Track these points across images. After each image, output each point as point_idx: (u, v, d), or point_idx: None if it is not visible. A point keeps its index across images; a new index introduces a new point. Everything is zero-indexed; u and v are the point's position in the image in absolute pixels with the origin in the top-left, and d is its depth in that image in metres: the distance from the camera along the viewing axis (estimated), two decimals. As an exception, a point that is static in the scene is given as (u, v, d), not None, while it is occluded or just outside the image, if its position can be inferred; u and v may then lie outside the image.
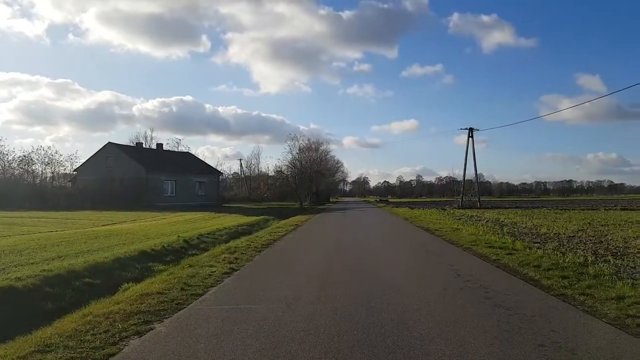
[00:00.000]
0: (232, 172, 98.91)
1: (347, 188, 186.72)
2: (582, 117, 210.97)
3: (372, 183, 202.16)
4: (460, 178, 56.78)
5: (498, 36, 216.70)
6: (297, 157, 63.77)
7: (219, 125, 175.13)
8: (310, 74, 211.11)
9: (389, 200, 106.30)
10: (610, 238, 16.74)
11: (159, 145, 67.21)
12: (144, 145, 67.44)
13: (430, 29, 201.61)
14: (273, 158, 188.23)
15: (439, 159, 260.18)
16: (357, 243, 16.77)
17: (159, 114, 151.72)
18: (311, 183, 63.57)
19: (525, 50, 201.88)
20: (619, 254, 12.70)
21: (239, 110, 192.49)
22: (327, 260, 12.64)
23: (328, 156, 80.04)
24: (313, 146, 70.62)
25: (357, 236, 19.70)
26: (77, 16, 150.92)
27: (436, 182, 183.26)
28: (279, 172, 64.40)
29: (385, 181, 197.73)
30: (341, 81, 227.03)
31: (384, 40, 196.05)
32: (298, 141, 64.85)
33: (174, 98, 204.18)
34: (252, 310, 7.14)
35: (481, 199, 59.17)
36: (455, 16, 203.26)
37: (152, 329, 6.25)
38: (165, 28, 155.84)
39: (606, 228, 21.26)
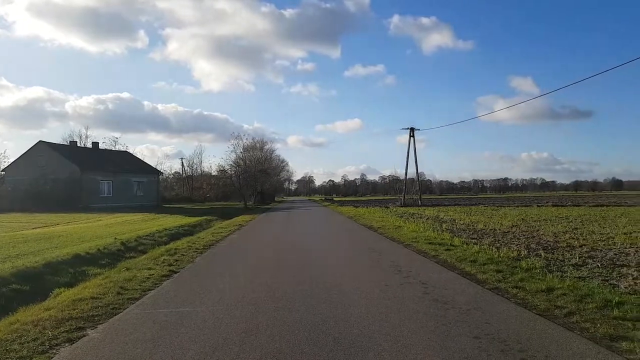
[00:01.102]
0: (173, 171, 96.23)
1: (293, 187, 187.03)
2: (516, 118, 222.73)
3: (318, 182, 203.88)
4: (403, 177, 58.26)
5: (437, 38, 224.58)
6: (241, 156, 62.90)
7: (159, 123, 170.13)
8: (254, 72, 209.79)
9: (334, 199, 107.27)
10: (541, 233, 17.69)
11: (95, 144, 64.07)
12: (78, 144, 64.24)
13: (372, 29, 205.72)
14: (216, 157, 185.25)
15: (382, 158, 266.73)
16: (301, 242, 16.76)
17: (94, 112, 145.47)
18: (256, 182, 62.93)
19: (463, 52, 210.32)
20: (549, 248, 13.44)
21: (180, 108, 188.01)
22: (270, 259, 12.53)
23: (273, 155, 79.88)
24: (257, 145, 70.15)
25: (301, 235, 19.70)
26: (2, 7, 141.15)
27: (380, 181, 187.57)
28: (222, 171, 63.22)
29: (330, 180, 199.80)
30: (285, 80, 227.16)
31: (327, 39, 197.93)
32: (242, 140, 64.01)
33: (110, 95, 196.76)
34: (192, 313, 6.94)
35: (422, 196, 61.02)
36: (396, 18, 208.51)
37: (84, 336, 5.94)
38: (100, 22, 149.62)
39: (538, 223, 22.47)
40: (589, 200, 61.24)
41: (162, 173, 73.69)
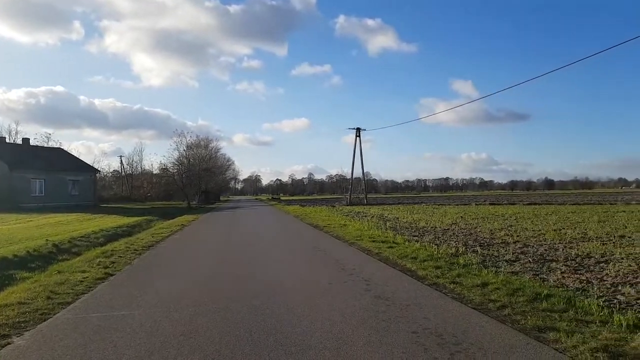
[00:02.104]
0: (111, 169, 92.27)
1: (239, 186, 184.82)
2: (456, 120, 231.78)
3: (265, 181, 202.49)
4: (350, 176, 58.94)
5: (382, 40, 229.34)
6: (184, 154, 61.08)
7: (96, 119, 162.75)
8: (198, 68, 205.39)
9: (281, 198, 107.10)
10: (479, 230, 18.44)
11: (26, 140, 60.15)
12: (7, 140, 60.17)
13: (319, 29, 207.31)
14: (158, 155, 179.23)
15: (329, 157, 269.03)
16: (245, 242, 16.54)
17: (25, 105, 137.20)
18: (200, 181, 61.52)
19: (407, 54, 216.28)
20: (485, 244, 14.01)
21: (119, 104, 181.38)
22: (213, 260, 12.28)
23: (218, 154, 78.20)
24: (202, 143, 68.42)
25: (245, 235, 19.45)
26: None
27: (327, 180, 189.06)
28: (164, 169, 61.12)
29: (277, 179, 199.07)
30: (230, 77, 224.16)
31: (273, 37, 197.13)
32: (185, 137, 62.03)
33: (42, 88, 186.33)
34: (128, 316, 6.66)
35: (368, 195, 62.07)
36: (342, 18, 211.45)
37: (9, 344, 5.56)
38: (31, 11, 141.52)
39: (476, 221, 23.40)
40: (524, 199, 64.59)
41: (100, 171, 70.32)
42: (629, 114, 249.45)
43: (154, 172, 69.01)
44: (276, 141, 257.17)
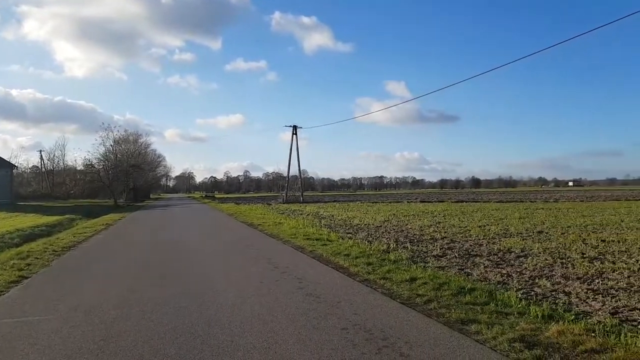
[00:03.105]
0: (30, 165, 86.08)
1: (171, 184, 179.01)
2: (390, 120, 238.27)
3: (198, 178, 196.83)
4: (286, 174, 58.84)
5: (318, 38, 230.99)
6: (111, 149, 57.99)
7: (12, 111, 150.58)
8: (126, 59, 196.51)
9: (215, 196, 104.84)
10: (409, 227, 19.02)
11: None
12: None
13: (254, 24, 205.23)
14: (82, 150, 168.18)
15: (266, 155, 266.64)
16: (175, 241, 16.00)
17: None
18: (128, 178, 58.84)
19: (343, 54, 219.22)
20: (415, 240, 14.46)
21: (38, 95, 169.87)
22: (140, 261, 11.75)
23: (148, 149, 75.44)
24: (131, 138, 65.57)
25: (176, 234, 18.81)
26: None
27: (264, 178, 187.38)
28: (89, 165, 57.47)
29: (212, 176, 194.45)
30: (161, 69, 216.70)
31: (206, 30, 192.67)
32: (112, 132, 58.92)
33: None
34: (43, 321, 6.20)
35: (304, 193, 62.23)
36: (277, 14, 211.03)
37: None
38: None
39: (407, 218, 24.15)
40: (452, 197, 67.55)
41: (17, 167, 65.30)
42: (549, 118, 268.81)
43: (78, 169, 64.85)
44: (210, 137, 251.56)
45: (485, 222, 20.86)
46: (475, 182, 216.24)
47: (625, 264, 9.62)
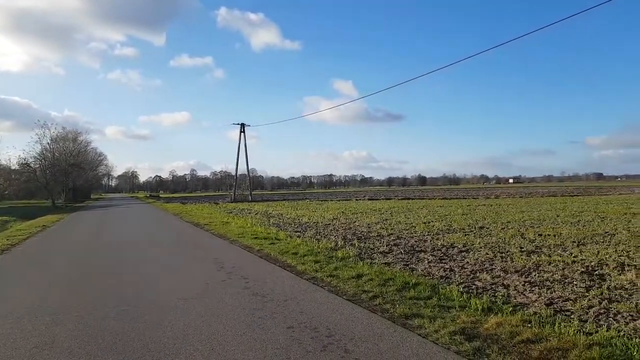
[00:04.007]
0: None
1: (113, 183, 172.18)
2: (338, 119, 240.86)
3: (142, 178, 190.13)
4: (234, 172, 57.87)
5: (265, 35, 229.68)
6: (48, 147, 55.00)
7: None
8: (63, 54, 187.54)
9: (161, 195, 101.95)
10: (357, 224, 19.21)
11: None
12: None
13: (199, 19, 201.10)
14: (17, 149, 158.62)
15: (213, 153, 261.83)
16: (116, 243, 15.35)
17: None
18: (67, 178, 55.95)
19: (290, 52, 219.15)
20: (363, 237, 14.61)
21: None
22: (78, 264, 11.18)
23: (88, 148, 71.97)
24: (69, 136, 62.27)
25: (117, 236, 18.06)
26: None
27: (211, 177, 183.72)
28: (24, 165, 54.23)
29: (157, 176, 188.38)
30: (101, 65, 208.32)
31: (149, 24, 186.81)
32: (50, 129, 55.87)
33: None
34: (-36, 332, 5.73)
35: (253, 192, 61.59)
36: (223, 10, 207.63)
37: None
38: None
39: (355, 216, 24.40)
40: (399, 194, 69.10)
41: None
42: (491, 118, 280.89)
43: (13, 168, 60.97)
44: (155, 135, 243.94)
45: (430, 218, 21.41)
46: (422, 180, 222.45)
47: (560, 256, 10.11)
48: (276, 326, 5.62)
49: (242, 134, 53.52)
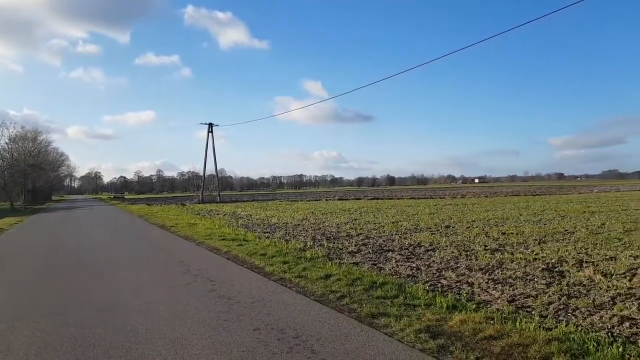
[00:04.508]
0: None
1: (76, 184, 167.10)
2: (308, 119, 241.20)
3: (106, 178, 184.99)
4: (202, 173, 57.05)
5: (234, 34, 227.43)
6: (6, 147, 52.86)
7: None
8: (21, 50, 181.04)
9: (125, 197, 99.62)
10: (327, 225, 19.23)
11: None
12: None
13: (165, 17, 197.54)
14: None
15: (181, 153, 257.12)
16: (77, 247, 14.87)
17: None
18: (26, 179, 53.89)
19: (259, 51, 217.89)
20: (332, 237, 14.63)
21: None
22: (37, 267, 10.79)
23: (49, 148, 69.47)
24: (29, 135, 59.96)
25: (78, 239, 17.51)
26: None
27: (179, 177, 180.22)
28: (-20, 166, 52.34)
29: (121, 176, 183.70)
30: (63, 62, 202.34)
31: (113, 21, 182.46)
32: (7, 129, 53.70)
33: None
34: None
35: (222, 193, 60.93)
36: (190, 9, 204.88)
37: None
38: None
39: (325, 216, 24.42)
40: (368, 194, 69.66)
41: None
42: (457, 119, 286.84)
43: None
44: (119, 135, 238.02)
45: (398, 218, 21.65)
46: (390, 180, 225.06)
47: (522, 254, 10.38)
48: (242, 328, 5.56)
49: (210, 134, 52.88)
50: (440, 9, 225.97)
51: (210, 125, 52.81)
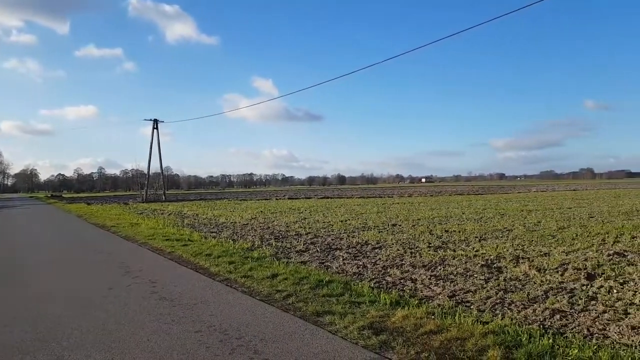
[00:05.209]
0: None
1: (9, 182, 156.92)
2: (259, 117, 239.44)
3: (44, 176, 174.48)
4: (147, 170, 55.20)
5: (181, 28, 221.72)
6: None
7: None
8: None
9: (64, 195, 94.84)
10: (276, 224, 19.11)
11: None
12: None
13: (108, 8, 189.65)
14: None
15: (124, 150, 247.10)
16: (6, 249, 13.99)
17: None
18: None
19: (208, 47, 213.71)
20: (281, 237, 14.55)
21: None
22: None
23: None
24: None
25: (9, 240, 16.49)
26: None
27: (122, 175, 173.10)
28: None
29: (60, 174, 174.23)
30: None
31: (50, 11, 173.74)
32: None
33: None
34: None
35: (168, 192, 59.23)
36: (135, 0, 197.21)
37: None
38: None
39: (274, 215, 24.27)
40: (319, 193, 69.94)
41: None
42: (406, 119, 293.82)
43: None
44: (57, 130, 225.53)
45: (347, 217, 21.86)
46: (341, 179, 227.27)
47: (464, 251, 10.73)
48: (183, 331, 5.40)
49: (155, 130, 51.24)
50: (392, 6, 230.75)
51: (156, 121, 51.18)
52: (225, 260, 10.03)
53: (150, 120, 51.36)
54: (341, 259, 10.35)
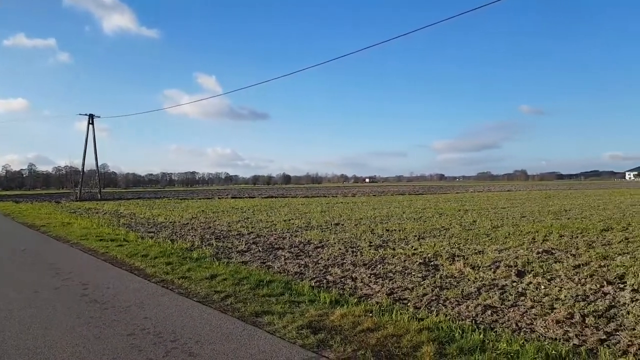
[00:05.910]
0: None
1: None
2: (201, 114, 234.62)
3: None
4: (81, 168, 52.51)
5: (119, 20, 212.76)
6: None
7: None
8: None
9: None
10: (217, 223, 18.76)
11: None
12: None
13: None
14: None
15: (58, 147, 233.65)
16: None
17: None
18: None
19: (148, 40, 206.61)
20: (222, 236, 14.29)
21: None
22: None
23: None
24: None
25: None
26: None
27: (54, 172, 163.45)
28: None
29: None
30: None
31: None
32: None
33: None
34: None
35: (104, 190, 56.70)
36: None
37: None
38: None
39: (216, 215, 23.81)
40: (263, 192, 69.40)
41: None
42: (350, 120, 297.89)
43: None
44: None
45: (290, 216, 21.82)
46: (286, 179, 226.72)
47: (403, 250, 11.00)
48: (115, 334, 5.17)
49: (90, 125, 48.88)
50: (340, 8, 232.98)
51: (91, 116, 48.80)
52: (163, 261, 9.72)
53: (86, 115, 48.94)
54: (283, 258, 10.31)
